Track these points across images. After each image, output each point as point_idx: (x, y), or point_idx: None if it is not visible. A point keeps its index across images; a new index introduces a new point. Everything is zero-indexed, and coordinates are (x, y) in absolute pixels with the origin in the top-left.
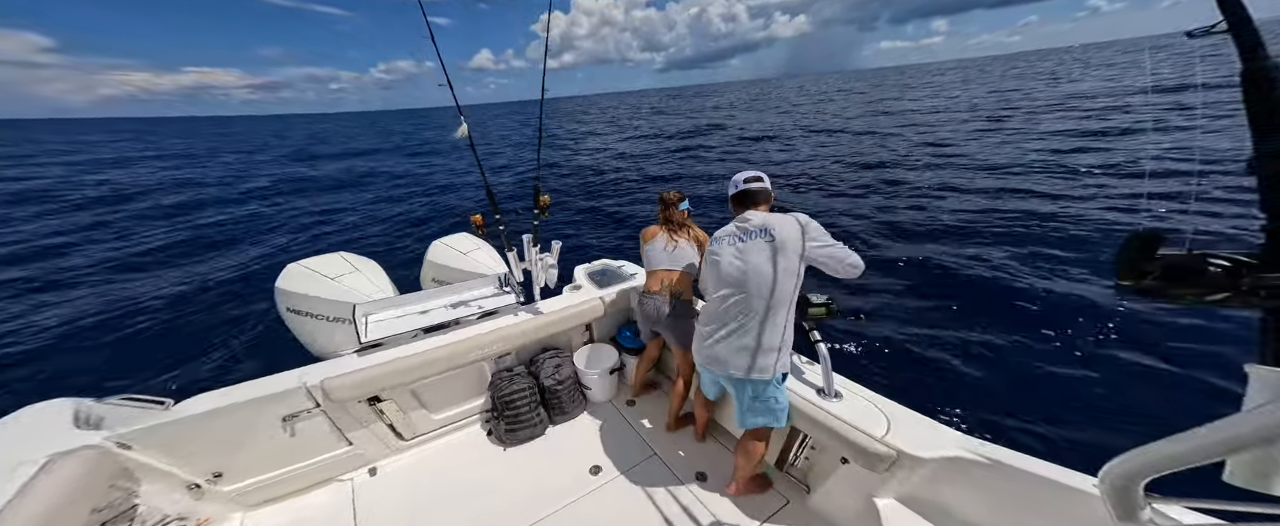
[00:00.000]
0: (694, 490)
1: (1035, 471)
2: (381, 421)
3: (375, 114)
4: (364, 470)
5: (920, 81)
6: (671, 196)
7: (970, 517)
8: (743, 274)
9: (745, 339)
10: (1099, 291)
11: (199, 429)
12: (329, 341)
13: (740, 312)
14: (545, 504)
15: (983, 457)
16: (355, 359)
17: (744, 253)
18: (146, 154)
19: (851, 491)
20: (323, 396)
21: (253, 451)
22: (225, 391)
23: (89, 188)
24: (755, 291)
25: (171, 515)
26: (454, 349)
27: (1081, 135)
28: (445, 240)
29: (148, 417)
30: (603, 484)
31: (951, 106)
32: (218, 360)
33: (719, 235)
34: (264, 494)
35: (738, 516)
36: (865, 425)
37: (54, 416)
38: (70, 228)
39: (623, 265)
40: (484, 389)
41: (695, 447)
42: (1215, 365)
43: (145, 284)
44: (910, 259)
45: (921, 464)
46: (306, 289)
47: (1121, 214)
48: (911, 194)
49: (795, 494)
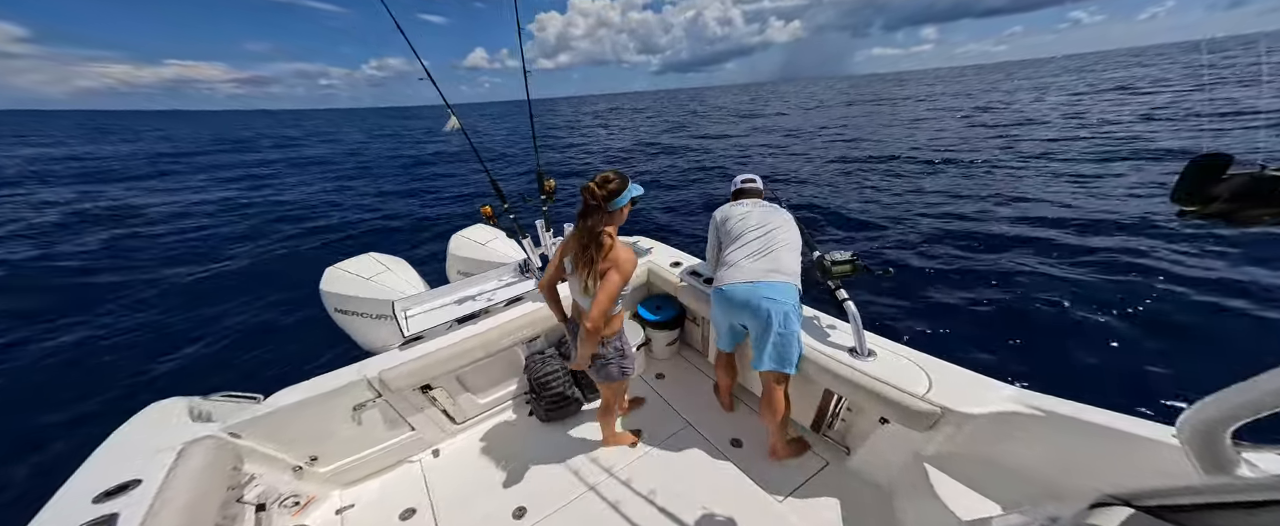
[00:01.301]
0: (730, 456)
1: (1099, 421)
2: (435, 407)
3: (365, 111)
4: (428, 452)
5: (926, 84)
6: (595, 188)
7: (1029, 474)
8: (769, 221)
9: (781, 253)
10: (1152, 223)
11: (290, 418)
12: (376, 336)
13: (777, 239)
14: (591, 476)
15: (1039, 410)
16: (403, 352)
17: (767, 211)
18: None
19: (895, 451)
20: (382, 386)
21: (336, 437)
22: (304, 385)
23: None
24: (785, 229)
25: (286, 493)
26: (487, 337)
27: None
28: (464, 233)
29: (246, 410)
30: (642, 455)
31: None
32: (286, 357)
33: (726, 207)
34: (353, 474)
35: (777, 479)
36: (904, 383)
37: (173, 412)
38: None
39: (637, 240)
40: (520, 372)
41: (727, 416)
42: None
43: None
44: (944, 214)
45: (969, 419)
46: (347, 290)
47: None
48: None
49: (835, 456)
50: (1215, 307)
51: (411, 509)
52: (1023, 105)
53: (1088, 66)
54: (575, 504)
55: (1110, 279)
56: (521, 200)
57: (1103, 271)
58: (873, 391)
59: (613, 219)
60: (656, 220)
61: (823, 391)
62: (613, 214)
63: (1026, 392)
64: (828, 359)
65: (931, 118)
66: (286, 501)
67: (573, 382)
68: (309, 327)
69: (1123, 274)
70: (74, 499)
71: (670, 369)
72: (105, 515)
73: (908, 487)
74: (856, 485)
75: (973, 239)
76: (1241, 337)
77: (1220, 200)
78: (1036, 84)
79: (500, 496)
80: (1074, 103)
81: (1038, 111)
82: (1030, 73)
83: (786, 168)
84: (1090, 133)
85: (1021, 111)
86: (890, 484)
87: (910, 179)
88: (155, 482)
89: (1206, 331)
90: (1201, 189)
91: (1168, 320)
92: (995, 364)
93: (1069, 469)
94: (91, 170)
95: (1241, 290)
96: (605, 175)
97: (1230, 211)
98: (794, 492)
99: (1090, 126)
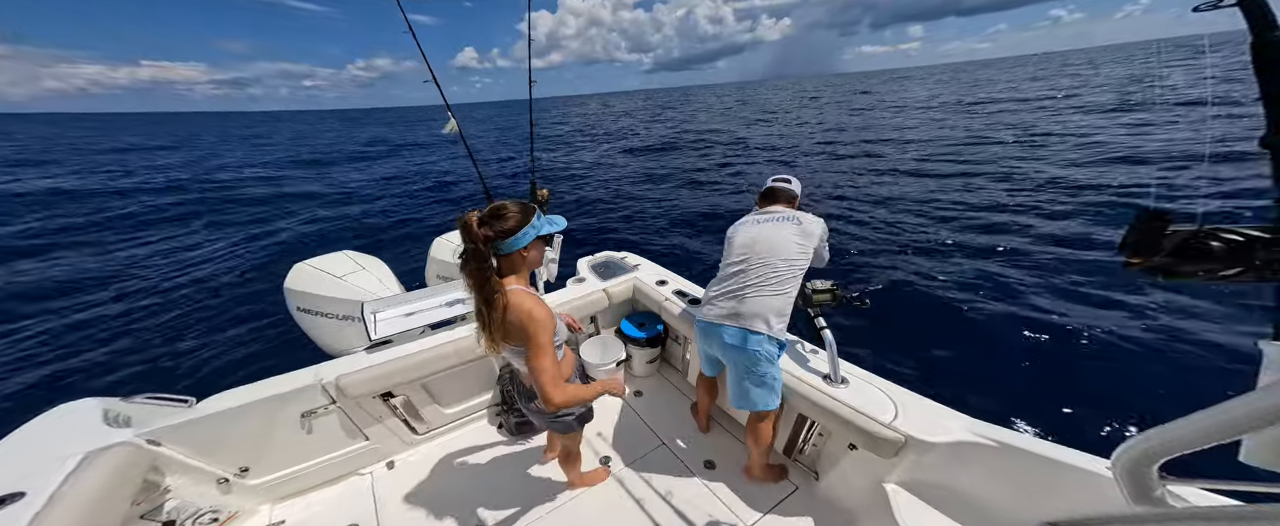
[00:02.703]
0: (703, 478)
1: (1045, 454)
2: (395, 416)
3: (355, 112)
4: (382, 464)
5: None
6: (474, 225)
7: (981, 501)
8: (755, 243)
9: (756, 296)
10: (1101, 274)
11: (223, 426)
12: (340, 339)
13: (753, 275)
14: (558, 494)
15: (992, 441)
16: (366, 356)
17: (763, 227)
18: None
19: (860, 476)
20: (338, 393)
21: (276, 446)
22: (245, 389)
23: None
24: (770, 258)
25: (204, 508)
26: (460, 344)
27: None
28: (448, 237)
29: (173, 415)
30: (613, 473)
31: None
32: (235, 359)
33: (738, 222)
34: (289, 487)
35: (747, 503)
36: (873, 411)
37: (85, 415)
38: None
39: (625, 256)
40: (493, 383)
41: (702, 438)
42: (1221, 345)
43: (152, 282)
44: (918, 245)
45: (930, 448)
46: (315, 288)
47: (1127, 196)
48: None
49: (804, 480)
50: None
51: (354, 524)
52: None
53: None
54: (540, 523)
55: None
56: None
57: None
58: (843, 417)
59: (511, 265)
60: (659, 232)
61: (796, 416)
62: (508, 259)
63: (982, 424)
64: (803, 384)
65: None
66: (202, 518)
67: None
68: (264, 328)
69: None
70: None
71: (649, 387)
72: None
73: (873, 512)
74: (825, 509)
75: (947, 261)
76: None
77: (1161, 254)
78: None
79: (457, 513)
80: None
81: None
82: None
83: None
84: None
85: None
86: (857, 509)
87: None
88: (42, 496)
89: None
90: (1147, 243)
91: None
92: (955, 395)
93: (1018, 496)
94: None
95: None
96: (497, 207)
97: (1169, 266)
98: (764, 515)
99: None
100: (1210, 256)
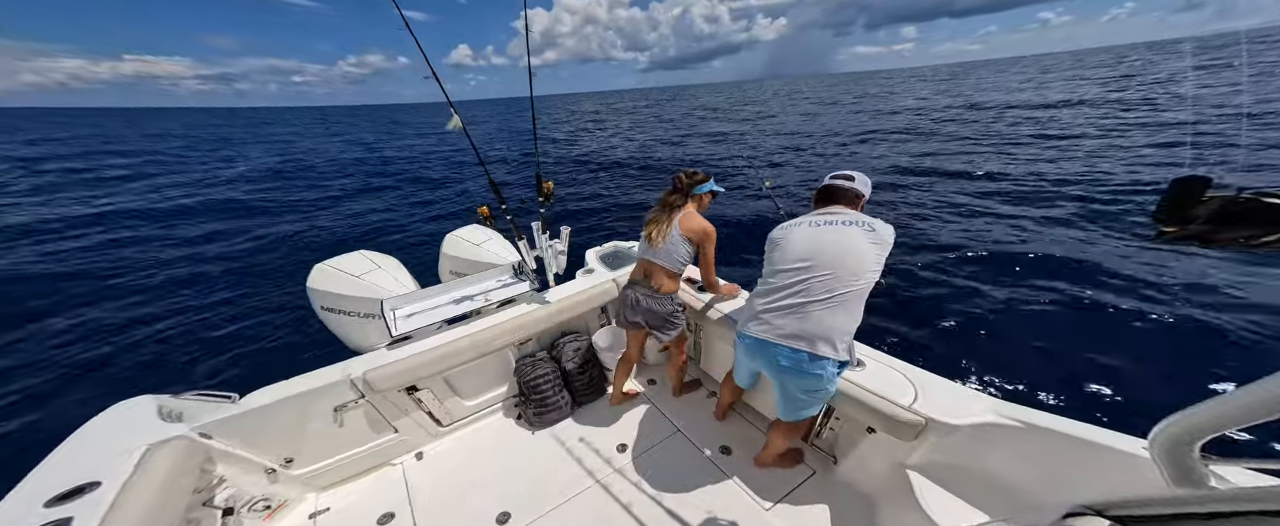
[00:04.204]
0: (719, 463)
1: (1076, 434)
2: (421, 409)
3: (343, 109)
4: (411, 455)
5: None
6: (683, 177)
7: (1008, 484)
8: (820, 250)
9: (821, 312)
10: (1121, 247)
11: (265, 419)
12: (363, 336)
13: (819, 288)
14: (577, 482)
15: (1018, 422)
16: (389, 352)
17: (824, 231)
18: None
19: (880, 460)
20: (366, 387)
21: (314, 439)
22: (282, 385)
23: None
24: (838, 269)
25: (257, 496)
26: (477, 338)
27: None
28: (458, 233)
29: (220, 410)
30: (630, 461)
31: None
32: (271, 356)
33: (788, 224)
34: (329, 477)
35: (765, 487)
36: (892, 394)
37: (141, 412)
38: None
39: (632, 246)
40: (510, 375)
41: (718, 424)
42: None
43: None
44: (934, 231)
45: (952, 430)
46: (335, 288)
47: (1154, 170)
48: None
49: (822, 464)
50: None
51: (390, 513)
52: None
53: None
54: (561, 509)
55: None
56: (520, 202)
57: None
58: (861, 401)
59: (700, 204)
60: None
61: None
62: (695, 198)
63: (1006, 404)
64: None
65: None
66: (257, 505)
67: (563, 386)
68: (295, 327)
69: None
70: (25, 502)
71: (662, 374)
72: (57, 520)
73: (893, 496)
74: (843, 493)
75: (964, 250)
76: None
77: (1198, 221)
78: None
79: (484, 501)
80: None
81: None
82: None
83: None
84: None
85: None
86: (876, 492)
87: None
88: (115, 485)
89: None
90: (1182, 210)
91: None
92: (976, 376)
93: (1047, 479)
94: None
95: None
96: (691, 170)
97: (1206, 233)
98: (781, 500)
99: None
100: (1252, 221)
